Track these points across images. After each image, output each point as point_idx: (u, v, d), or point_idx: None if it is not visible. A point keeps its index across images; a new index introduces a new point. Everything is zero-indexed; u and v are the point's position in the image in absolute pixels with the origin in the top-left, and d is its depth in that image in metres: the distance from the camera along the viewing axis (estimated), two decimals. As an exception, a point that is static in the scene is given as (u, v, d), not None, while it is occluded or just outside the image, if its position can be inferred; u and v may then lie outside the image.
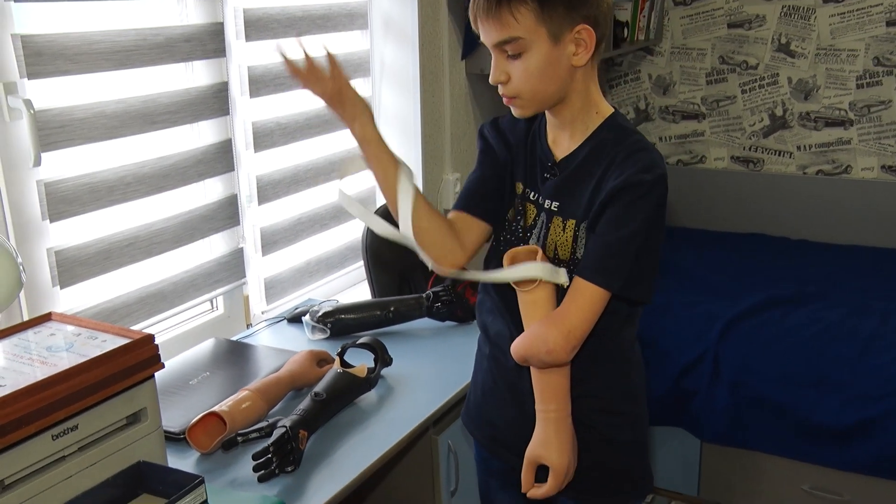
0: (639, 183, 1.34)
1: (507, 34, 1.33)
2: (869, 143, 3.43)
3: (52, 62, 1.66)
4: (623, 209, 1.35)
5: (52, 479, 1.28)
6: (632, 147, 1.39)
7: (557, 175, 1.45)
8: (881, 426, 2.46)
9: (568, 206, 1.43)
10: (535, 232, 1.48)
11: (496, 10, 1.32)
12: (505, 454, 1.60)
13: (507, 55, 1.36)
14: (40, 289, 1.74)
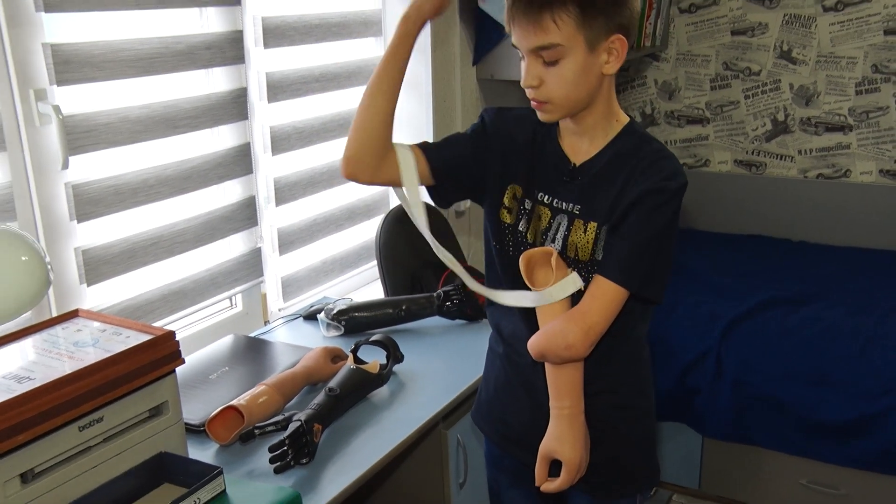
0: (664, 189, 1.36)
1: (546, 40, 1.31)
2: (867, 148, 3.42)
3: (79, 69, 1.68)
4: (647, 214, 1.36)
5: (78, 469, 1.30)
6: (656, 155, 1.40)
7: (578, 179, 1.44)
8: (878, 423, 2.45)
9: (590, 209, 1.42)
10: (551, 234, 1.46)
11: (538, 15, 1.30)
12: (517, 451, 1.61)
13: (542, 61, 1.34)
14: (68, 286, 1.76)
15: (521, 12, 1.32)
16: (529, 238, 1.48)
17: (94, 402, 1.29)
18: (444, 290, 2.21)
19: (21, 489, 1.23)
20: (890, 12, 3.25)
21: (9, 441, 1.18)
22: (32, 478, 1.25)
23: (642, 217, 1.36)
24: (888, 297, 2.87)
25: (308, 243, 2.37)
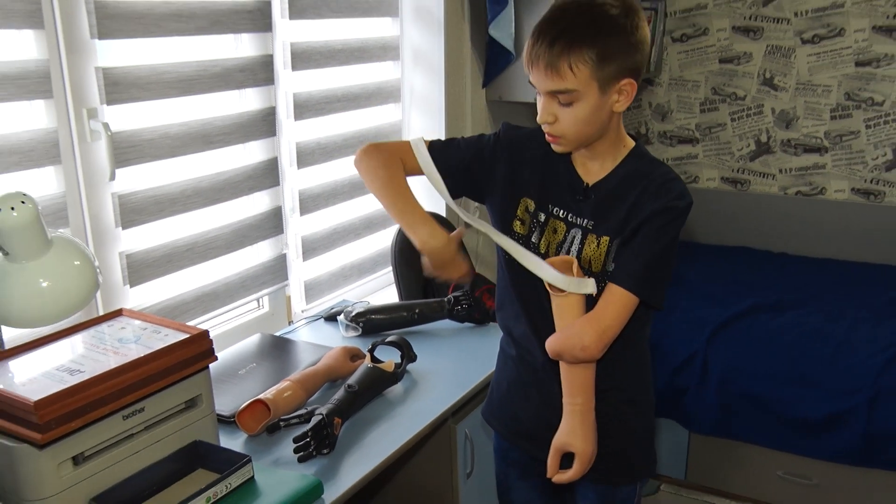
0: (673, 209, 1.38)
1: (562, 86, 1.31)
2: (841, 168, 3.43)
3: (127, 90, 1.70)
4: (657, 230, 1.37)
5: (122, 454, 1.32)
6: (664, 177, 1.41)
7: (592, 198, 1.44)
8: (847, 420, 2.47)
9: (602, 224, 1.43)
10: (566, 246, 1.46)
11: (557, 62, 1.29)
12: (526, 445, 1.61)
13: (557, 101, 1.34)
14: (113, 287, 1.78)
15: (539, 57, 1.31)
16: (542, 248, 1.48)
17: (136, 393, 1.31)
18: (454, 296, 2.21)
19: (73, 470, 1.25)
20: (860, 46, 3.27)
21: (64, 427, 1.20)
22: (83, 460, 1.27)
23: (653, 233, 1.37)
24: (858, 305, 2.88)
25: (329, 250, 2.38)
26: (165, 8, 1.75)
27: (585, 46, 1.29)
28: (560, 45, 1.29)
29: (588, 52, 1.29)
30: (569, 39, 1.29)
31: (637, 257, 1.38)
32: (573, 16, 1.31)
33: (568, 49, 1.29)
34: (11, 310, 1.22)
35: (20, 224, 1.18)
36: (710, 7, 3.53)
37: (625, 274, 1.39)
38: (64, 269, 1.24)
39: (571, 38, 1.29)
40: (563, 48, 1.29)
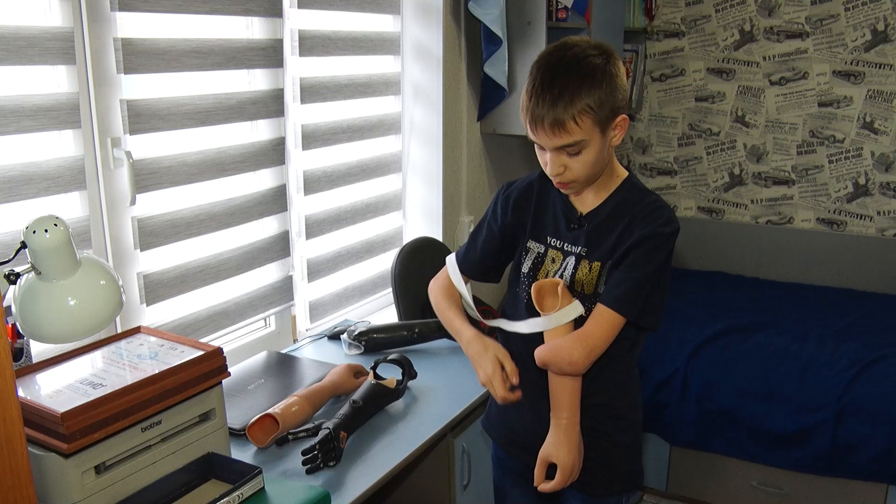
0: (660, 234, 1.39)
1: (570, 140, 1.32)
2: (807, 200, 3.47)
3: (148, 121, 1.71)
4: (645, 254, 1.38)
5: (140, 464, 1.31)
6: (653, 205, 1.42)
7: (585, 226, 1.45)
8: (814, 433, 2.49)
9: (594, 251, 1.44)
10: (559, 272, 1.46)
11: (562, 119, 1.30)
12: (521, 454, 1.61)
13: (566, 153, 1.35)
14: (131, 305, 1.77)
15: (543, 119, 1.31)
16: (540, 277, 1.50)
17: (155, 406, 1.30)
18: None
19: (95, 479, 1.25)
20: (822, 88, 3.33)
21: (88, 437, 1.20)
22: (104, 469, 1.26)
23: (640, 257, 1.38)
24: (824, 326, 2.91)
25: (333, 272, 2.38)
26: (185, 45, 1.76)
27: (584, 99, 1.30)
28: (562, 104, 1.30)
29: (587, 104, 1.30)
30: (569, 96, 1.30)
31: (625, 281, 1.39)
32: (564, 73, 1.31)
33: (570, 105, 1.30)
34: (42, 325, 1.22)
35: (52, 245, 1.18)
36: (686, 50, 3.58)
37: (613, 297, 1.40)
38: (91, 289, 1.24)
39: (571, 95, 1.30)
40: (565, 105, 1.30)
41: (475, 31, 2.65)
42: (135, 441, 1.30)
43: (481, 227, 1.60)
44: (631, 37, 3.49)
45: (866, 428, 2.42)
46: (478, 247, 1.60)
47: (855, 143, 3.33)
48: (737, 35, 3.45)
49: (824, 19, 3.28)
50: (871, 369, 2.55)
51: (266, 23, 1.98)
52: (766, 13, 3.38)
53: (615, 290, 1.40)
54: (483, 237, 1.59)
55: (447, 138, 2.67)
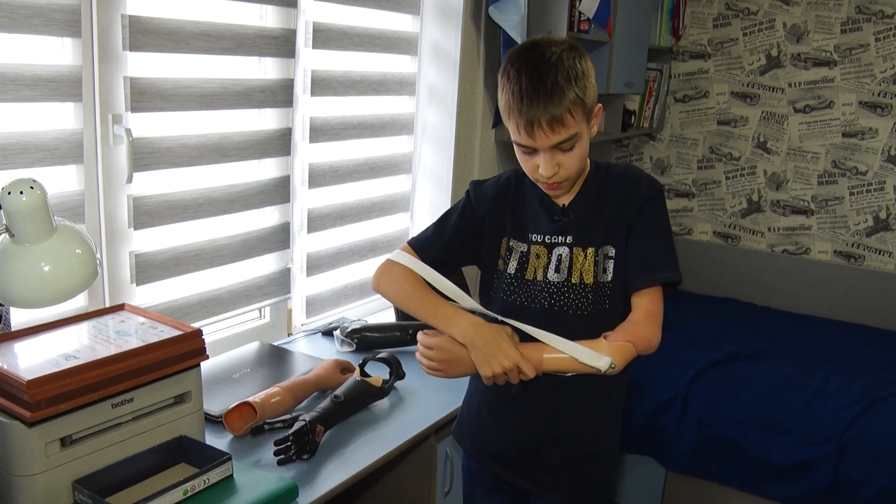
0: (648, 199, 1.40)
1: (567, 133, 1.31)
2: (825, 231, 3.40)
3: (151, 100, 1.70)
4: (647, 220, 1.40)
5: (108, 441, 1.29)
6: (624, 175, 1.43)
7: (570, 216, 1.43)
8: (815, 467, 2.41)
9: (584, 237, 1.42)
10: (553, 265, 1.42)
11: (560, 114, 1.29)
12: (493, 465, 1.55)
13: (560, 151, 1.33)
14: (121, 284, 1.76)
15: (540, 117, 1.29)
16: (529, 276, 1.44)
17: (126, 383, 1.28)
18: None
19: (60, 451, 1.23)
20: (847, 118, 3.27)
21: (53, 408, 1.18)
22: (70, 443, 1.24)
23: (646, 224, 1.39)
24: (833, 359, 2.83)
25: (333, 268, 2.36)
26: (194, 27, 1.75)
27: (574, 90, 1.30)
28: (556, 98, 1.28)
29: (577, 94, 1.30)
30: (560, 91, 1.28)
31: (647, 251, 1.39)
32: (549, 71, 1.29)
33: (563, 98, 1.29)
34: (12, 289, 1.21)
35: (27, 208, 1.17)
36: (711, 72, 3.53)
37: (648, 270, 1.39)
38: (65, 256, 1.23)
39: (562, 89, 1.29)
40: (559, 100, 1.28)
41: (495, 37, 2.63)
42: (104, 417, 1.28)
43: (449, 218, 1.52)
44: (656, 56, 3.45)
45: (868, 466, 2.34)
46: (445, 235, 1.51)
47: (878, 177, 3.26)
48: (763, 60, 3.40)
49: (853, 48, 3.22)
50: (877, 406, 2.47)
51: (280, 12, 1.98)
52: (795, 39, 3.32)
53: (646, 264, 1.39)
54: (452, 227, 1.51)
55: (460, 143, 2.65)
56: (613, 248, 1.41)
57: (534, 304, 1.44)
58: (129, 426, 1.32)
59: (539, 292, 1.44)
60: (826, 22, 3.25)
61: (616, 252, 1.41)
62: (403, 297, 1.46)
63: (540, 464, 1.49)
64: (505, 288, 1.47)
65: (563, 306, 1.42)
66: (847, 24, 3.22)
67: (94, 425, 1.27)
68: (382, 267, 1.51)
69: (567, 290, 1.42)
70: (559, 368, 1.38)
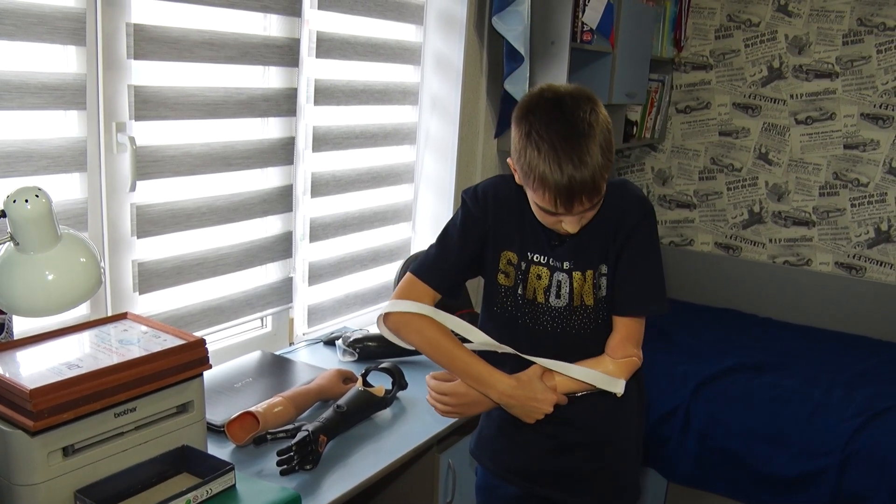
0: (639, 221, 1.39)
1: (599, 197, 1.29)
2: (826, 243, 3.40)
3: (155, 108, 1.70)
4: (637, 246, 1.39)
5: (111, 450, 1.29)
6: (615, 195, 1.39)
7: (567, 241, 1.41)
8: (818, 480, 2.41)
9: (581, 261, 1.41)
10: (555, 290, 1.42)
11: (598, 183, 1.26)
12: (519, 481, 1.55)
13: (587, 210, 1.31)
14: (123, 292, 1.75)
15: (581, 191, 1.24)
16: (529, 296, 1.44)
17: (129, 392, 1.28)
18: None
19: (62, 461, 1.22)
20: (849, 130, 3.28)
21: (56, 417, 1.18)
22: (72, 452, 1.24)
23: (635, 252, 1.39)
24: (835, 371, 2.83)
25: (335, 278, 2.35)
26: (198, 36, 1.76)
27: (605, 157, 1.26)
28: (597, 176, 1.24)
29: (607, 159, 1.26)
30: (597, 163, 1.24)
31: (633, 282, 1.40)
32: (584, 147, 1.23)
33: (603, 170, 1.25)
34: (16, 298, 1.20)
35: (32, 216, 1.17)
36: (713, 83, 3.54)
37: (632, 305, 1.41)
38: (70, 264, 1.22)
39: (600, 167, 1.25)
40: (600, 172, 1.25)
41: (498, 47, 2.64)
42: (107, 426, 1.27)
43: (449, 236, 1.47)
44: (658, 66, 3.46)
45: (872, 479, 2.34)
46: (451, 256, 1.46)
47: (879, 188, 3.26)
48: (765, 71, 3.41)
49: (855, 60, 3.23)
50: (880, 418, 2.47)
51: (284, 21, 1.98)
52: (797, 51, 3.34)
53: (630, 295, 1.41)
54: (457, 245, 1.45)
55: (462, 153, 2.65)
56: (605, 265, 1.41)
57: (539, 326, 1.44)
58: (131, 436, 1.32)
59: (542, 314, 1.44)
60: (828, 34, 3.27)
61: (608, 269, 1.42)
62: (429, 349, 1.44)
63: (568, 473, 1.50)
64: (510, 306, 1.46)
65: (568, 328, 1.44)
66: (849, 36, 3.23)
67: (97, 435, 1.26)
68: (397, 316, 1.46)
69: (570, 313, 1.43)
70: (576, 390, 1.44)
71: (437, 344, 1.43)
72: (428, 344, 1.43)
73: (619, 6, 2.81)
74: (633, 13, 2.94)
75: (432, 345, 1.43)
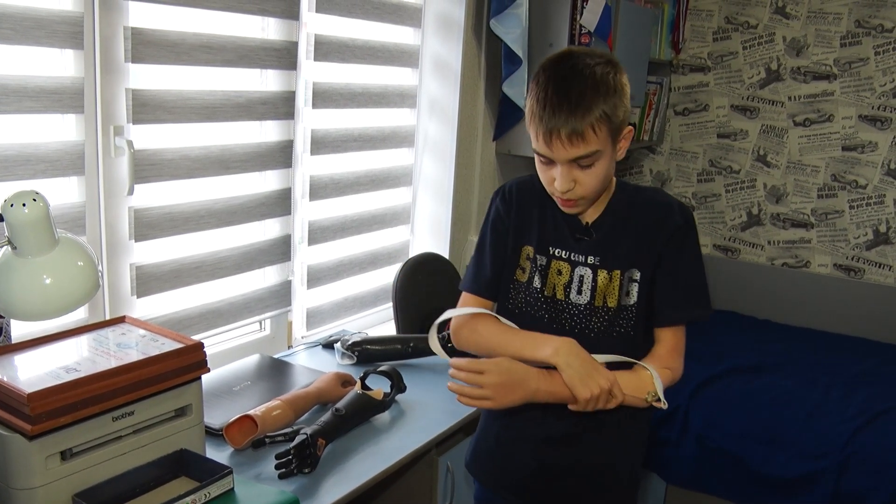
0: (682, 227, 1.36)
1: (587, 150, 1.26)
2: (825, 244, 3.41)
3: (153, 112, 1.70)
4: (680, 252, 1.36)
5: (109, 454, 1.28)
6: (653, 200, 1.39)
7: (593, 235, 1.39)
8: (817, 481, 2.41)
9: (609, 259, 1.37)
10: (576, 286, 1.38)
11: (581, 128, 1.24)
12: (513, 498, 1.52)
13: (578, 166, 1.29)
14: (121, 296, 1.75)
15: (560, 129, 1.25)
16: (548, 292, 1.40)
17: (127, 396, 1.27)
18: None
19: (60, 464, 1.22)
20: (847, 132, 3.28)
21: (53, 421, 1.18)
22: (70, 456, 1.24)
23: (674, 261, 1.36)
24: (833, 373, 2.84)
25: (333, 281, 2.35)
26: (196, 39, 1.76)
27: (601, 107, 1.25)
28: (580, 112, 1.24)
29: (604, 111, 1.25)
30: (586, 105, 1.24)
31: (677, 289, 1.37)
32: (579, 82, 1.26)
33: (587, 113, 1.24)
34: (14, 302, 1.21)
35: (30, 220, 1.17)
36: (711, 85, 3.55)
37: (676, 311, 1.38)
38: (67, 268, 1.22)
39: (588, 103, 1.24)
40: (583, 114, 1.24)
41: (496, 50, 2.64)
42: (105, 430, 1.27)
43: (483, 244, 1.48)
44: (656, 69, 3.47)
45: (870, 480, 2.34)
46: (487, 266, 1.46)
47: (878, 190, 3.27)
48: (763, 73, 3.42)
49: (853, 62, 3.24)
50: (878, 420, 2.47)
51: (282, 24, 1.98)
52: (795, 53, 3.34)
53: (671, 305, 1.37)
54: (490, 253, 1.46)
55: (461, 155, 2.65)
56: (639, 272, 1.37)
57: (556, 325, 1.40)
58: (129, 439, 1.31)
59: (562, 312, 1.40)
60: (826, 36, 3.27)
61: (641, 276, 1.37)
62: (483, 343, 1.42)
63: (563, 490, 1.46)
64: (531, 302, 1.43)
65: (587, 329, 1.39)
66: (847, 38, 3.24)
67: (95, 438, 1.26)
68: (454, 328, 1.47)
69: (590, 312, 1.38)
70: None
71: (489, 334, 1.41)
72: (481, 337, 1.42)
73: (617, 9, 2.82)
74: (631, 15, 2.94)
75: (485, 337, 1.41)
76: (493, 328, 1.42)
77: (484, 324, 1.43)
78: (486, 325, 1.43)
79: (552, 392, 1.32)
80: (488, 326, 1.42)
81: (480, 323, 1.43)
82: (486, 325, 1.43)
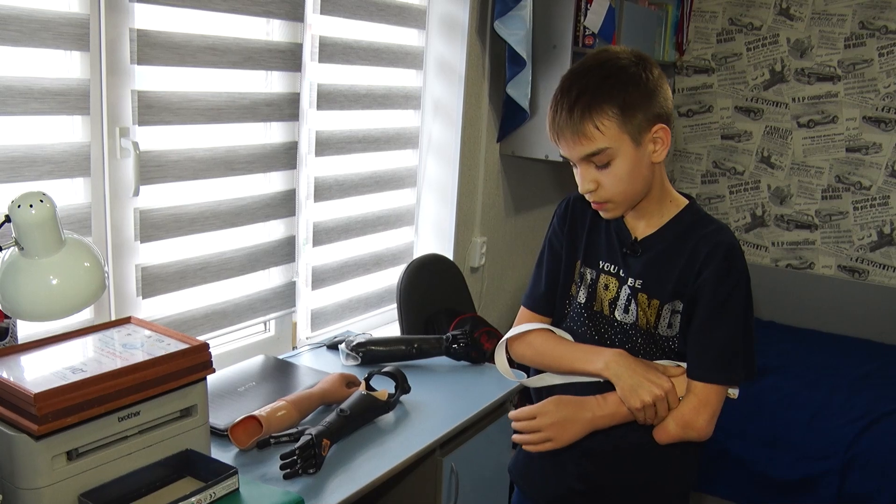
0: (733, 277, 1.25)
1: (594, 147, 1.21)
2: (829, 246, 3.40)
3: (158, 113, 1.71)
4: (726, 304, 1.25)
5: (115, 454, 1.29)
6: (713, 239, 1.27)
7: (639, 254, 1.32)
8: (820, 483, 2.41)
9: (651, 285, 1.30)
10: (622, 304, 1.33)
11: (580, 125, 1.20)
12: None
13: (594, 165, 1.23)
14: (127, 297, 1.76)
15: (564, 127, 1.22)
16: (596, 308, 1.36)
17: (133, 396, 1.28)
18: (453, 334, 2.17)
19: (66, 464, 1.22)
20: (851, 133, 3.28)
21: (60, 421, 1.18)
22: (76, 456, 1.24)
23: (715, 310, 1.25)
24: (837, 375, 2.84)
25: (338, 282, 2.35)
26: (201, 41, 1.77)
27: (605, 102, 1.19)
28: (580, 108, 1.20)
29: (609, 107, 1.20)
30: (587, 100, 1.20)
31: (713, 346, 1.26)
32: (586, 77, 1.22)
33: (588, 109, 1.20)
34: (21, 302, 1.21)
35: (37, 221, 1.17)
36: (715, 87, 3.55)
37: (706, 371, 1.27)
38: (74, 269, 1.23)
39: (589, 98, 1.20)
40: (583, 110, 1.20)
41: (500, 51, 2.65)
42: (111, 430, 1.27)
43: (542, 259, 1.44)
44: (659, 70, 3.47)
45: (874, 482, 2.34)
46: (543, 281, 1.42)
47: (882, 191, 3.26)
48: (767, 75, 3.42)
49: (857, 64, 3.23)
50: (882, 422, 2.47)
51: (286, 26, 1.99)
52: (799, 54, 3.34)
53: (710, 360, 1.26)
54: (547, 269, 1.42)
55: (465, 157, 2.65)
56: (682, 303, 1.29)
57: (603, 342, 1.35)
58: (135, 440, 1.32)
59: (608, 328, 1.35)
60: (829, 37, 3.27)
61: (683, 307, 1.28)
62: (537, 356, 1.41)
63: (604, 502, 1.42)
64: (575, 318, 1.39)
65: (633, 350, 1.33)
66: (851, 40, 3.24)
67: (101, 438, 1.26)
68: (511, 341, 1.45)
69: (635, 332, 1.33)
70: None
71: (543, 348, 1.38)
72: (535, 351, 1.40)
73: (621, 10, 2.82)
74: (635, 17, 2.95)
75: (539, 350, 1.39)
76: (547, 341, 1.39)
77: (538, 337, 1.41)
78: (539, 338, 1.41)
79: (611, 414, 1.30)
80: (542, 339, 1.40)
81: (534, 336, 1.41)
82: (540, 338, 1.41)
